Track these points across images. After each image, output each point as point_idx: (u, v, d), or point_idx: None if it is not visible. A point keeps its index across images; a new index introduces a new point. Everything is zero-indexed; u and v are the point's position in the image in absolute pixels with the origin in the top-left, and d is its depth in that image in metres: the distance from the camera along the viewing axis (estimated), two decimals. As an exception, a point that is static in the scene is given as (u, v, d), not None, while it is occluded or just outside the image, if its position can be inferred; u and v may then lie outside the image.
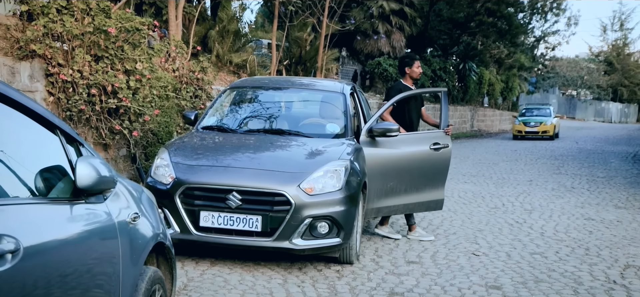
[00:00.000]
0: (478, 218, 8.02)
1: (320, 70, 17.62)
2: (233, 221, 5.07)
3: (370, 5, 24.00)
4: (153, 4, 14.12)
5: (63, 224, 2.36)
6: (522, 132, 26.18)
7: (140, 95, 7.42)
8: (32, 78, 6.77)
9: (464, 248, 6.37)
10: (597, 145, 22.72)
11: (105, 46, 7.11)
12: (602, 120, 56.23)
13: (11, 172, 2.25)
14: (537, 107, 29.11)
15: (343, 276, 5.22)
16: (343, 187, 5.24)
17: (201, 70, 9.75)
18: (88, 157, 2.53)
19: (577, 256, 6.19)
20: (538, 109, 28.51)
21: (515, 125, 27.04)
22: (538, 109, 28.51)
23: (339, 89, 6.79)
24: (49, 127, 2.56)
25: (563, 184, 11.56)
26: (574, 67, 60.10)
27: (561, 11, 36.23)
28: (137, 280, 2.90)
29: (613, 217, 8.35)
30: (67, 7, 7.03)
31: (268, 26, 23.86)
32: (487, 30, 29.75)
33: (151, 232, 3.13)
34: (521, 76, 39.98)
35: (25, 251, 1.99)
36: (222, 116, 6.65)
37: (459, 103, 30.26)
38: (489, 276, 5.38)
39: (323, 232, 5.14)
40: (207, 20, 15.80)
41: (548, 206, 9.13)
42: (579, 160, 16.73)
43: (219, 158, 5.44)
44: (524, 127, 26.15)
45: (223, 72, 14.29)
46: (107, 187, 2.64)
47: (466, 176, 12.47)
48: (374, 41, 24.55)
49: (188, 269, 5.22)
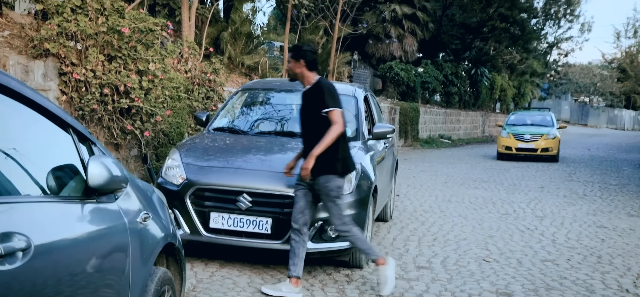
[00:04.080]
0: (489, 224, 7.96)
1: (332, 74, 17.61)
2: (243, 222, 5.07)
3: (383, 9, 23.97)
4: (166, 5, 14.17)
5: (74, 223, 2.36)
6: (512, 150, 17.88)
7: (152, 95, 7.45)
8: (46, 77, 6.81)
9: (474, 254, 6.33)
10: (609, 153, 22.53)
11: (118, 46, 7.15)
12: (614, 128, 55.78)
13: (23, 170, 2.25)
14: (532, 114, 20.40)
15: (352, 280, 5.20)
16: (354, 191, 5.22)
17: (213, 72, 9.77)
18: (100, 157, 2.53)
19: (589, 263, 6.13)
20: (535, 117, 19.82)
21: (501, 138, 18.33)
22: (535, 117, 19.82)
23: (351, 93, 6.78)
24: (62, 126, 2.56)
25: (575, 191, 11.46)
26: (587, 73, 59.66)
27: (575, 17, 35.95)
28: (146, 280, 2.90)
29: (626, 225, 8.27)
30: (82, 7, 7.07)
31: (280, 29, 23.88)
32: (499, 35, 29.59)
33: (161, 233, 3.13)
34: (533, 82, 39.79)
35: (36, 249, 1.99)
36: (233, 118, 6.66)
37: (471, 108, 30.15)
38: (499, 283, 5.34)
39: (333, 235, 5.12)
40: (219, 22, 15.84)
41: (560, 212, 9.05)
42: (591, 167, 16.59)
43: (230, 160, 5.44)
44: (515, 142, 17.88)
45: (235, 74, 14.32)
46: (119, 187, 2.64)
47: (477, 182, 12.41)
48: (386, 45, 24.52)
49: (197, 270, 5.22)
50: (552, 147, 17.66)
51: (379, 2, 23.91)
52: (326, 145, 4.60)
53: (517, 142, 17.84)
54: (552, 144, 17.68)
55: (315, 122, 4.72)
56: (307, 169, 4.63)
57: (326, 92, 4.71)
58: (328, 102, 4.67)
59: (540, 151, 17.65)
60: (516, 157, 17.90)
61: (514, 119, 19.71)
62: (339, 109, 4.70)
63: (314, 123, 4.73)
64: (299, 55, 4.81)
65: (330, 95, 4.71)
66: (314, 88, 4.79)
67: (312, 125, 4.77)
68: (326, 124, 4.65)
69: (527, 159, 17.83)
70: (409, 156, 17.78)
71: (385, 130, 6.37)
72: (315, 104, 4.74)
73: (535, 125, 18.72)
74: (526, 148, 17.73)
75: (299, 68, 4.81)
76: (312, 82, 4.82)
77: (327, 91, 4.72)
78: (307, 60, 4.78)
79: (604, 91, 58.59)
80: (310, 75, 4.82)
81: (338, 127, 4.64)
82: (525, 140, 17.82)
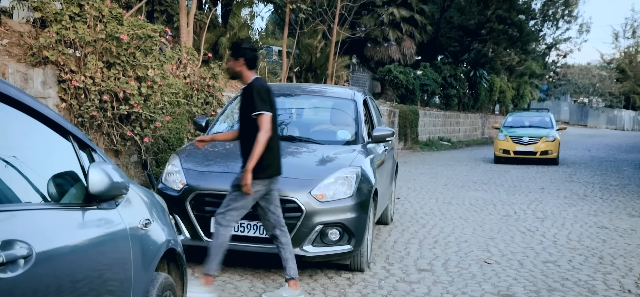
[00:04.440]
0: (490, 226, 7.96)
1: (330, 77, 17.62)
2: (244, 227, 5.07)
3: (381, 13, 24.02)
4: (164, 11, 14.19)
5: (75, 229, 2.36)
6: (509, 153, 17.29)
7: (152, 101, 7.45)
8: (45, 84, 6.81)
9: (475, 256, 6.32)
10: (609, 153, 22.53)
11: (117, 53, 7.15)
12: (614, 128, 55.81)
13: (24, 178, 2.25)
14: (530, 115, 19.70)
15: (354, 284, 5.19)
16: (354, 194, 5.21)
17: (212, 77, 9.77)
18: (100, 163, 2.53)
19: (591, 264, 6.12)
20: (533, 118, 19.15)
21: (498, 141, 17.70)
22: (533, 118, 19.15)
23: (350, 96, 6.79)
24: (62, 133, 2.56)
25: (575, 192, 11.46)
26: (586, 74, 59.71)
27: (573, 18, 36.07)
28: (148, 286, 2.90)
29: (627, 225, 8.26)
30: (80, 14, 7.07)
31: (278, 33, 23.93)
32: (498, 37, 29.65)
33: (162, 239, 3.13)
34: (532, 83, 39.82)
35: (37, 257, 1.99)
36: (232, 123, 6.65)
37: (470, 110, 30.17)
38: (501, 285, 5.33)
39: (334, 239, 5.12)
40: (218, 28, 15.86)
41: (560, 214, 9.05)
42: (591, 168, 16.59)
43: (230, 165, 5.44)
44: (512, 145, 17.28)
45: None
46: (119, 193, 2.64)
47: (477, 183, 12.41)
48: (385, 48, 24.55)
49: (199, 275, 5.21)
50: (551, 150, 17.09)
51: (377, 6, 23.95)
52: (257, 157, 4.46)
53: (515, 145, 17.24)
54: (551, 146, 17.10)
55: (247, 123, 4.61)
56: (246, 185, 4.47)
57: (256, 95, 4.53)
58: (257, 105, 4.50)
59: (540, 153, 17.08)
60: (514, 161, 17.35)
61: (512, 121, 18.94)
62: (267, 113, 4.51)
63: (247, 124, 4.62)
64: (238, 54, 4.66)
65: (260, 97, 4.53)
66: (248, 88, 4.64)
67: (245, 126, 4.65)
68: (256, 127, 4.50)
69: (526, 162, 17.29)
70: (408, 159, 17.79)
71: (384, 134, 6.38)
72: (247, 105, 4.61)
73: (533, 127, 18.07)
74: (525, 151, 17.14)
75: (239, 66, 4.65)
76: (249, 82, 4.65)
77: (257, 93, 4.54)
78: (247, 59, 4.63)
79: (603, 92, 58.63)
80: (248, 74, 4.66)
81: (263, 135, 4.47)
82: (524, 143, 17.22)
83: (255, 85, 4.59)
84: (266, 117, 4.50)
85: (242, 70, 4.66)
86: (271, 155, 4.64)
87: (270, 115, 4.54)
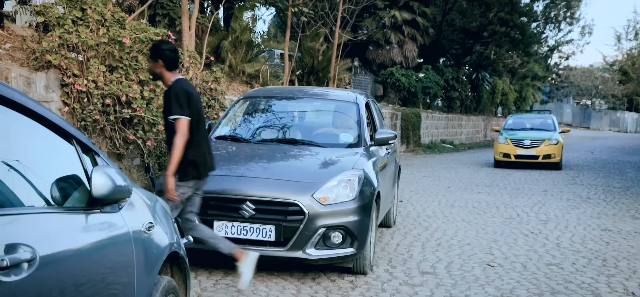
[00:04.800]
0: (492, 228, 7.95)
1: (332, 80, 17.62)
2: (246, 230, 5.06)
3: (383, 16, 24.02)
4: (167, 15, 14.21)
5: (78, 233, 2.36)
6: (510, 157, 16.55)
7: (154, 105, 7.46)
8: (48, 88, 6.82)
9: (478, 259, 6.31)
10: (612, 155, 22.49)
11: (119, 57, 7.16)
12: (617, 130, 55.72)
13: (27, 181, 2.26)
14: (531, 117, 19.04)
15: (357, 287, 5.19)
16: (357, 197, 5.21)
17: (214, 81, 9.78)
18: (104, 167, 2.53)
19: (594, 267, 6.11)
20: (534, 120, 18.46)
21: (498, 144, 16.91)
22: (534, 120, 18.46)
23: (352, 99, 6.79)
24: (65, 137, 2.56)
25: (578, 194, 11.44)
26: (588, 76, 59.66)
27: (575, 20, 36.03)
28: (151, 289, 2.90)
29: (630, 228, 8.24)
30: (83, 18, 7.09)
31: (280, 36, 23.93)
32: (500, 39, 29.64)
33: (165, 242, 3.13)
34: (535, 86, 39.77)
35: (41, 260, 2.00)
36: (235, 126, 6.66)
37: (472, 113, 30.14)
38: (504, 287, 5.32)
39: (336, 242, 5.11)
40: (220, 31, 15.87)
41: (564, 216, 9.03)
42: (594, 170, 16.56)
43: (232, 168, 5.44)
44: (513, 148, 16.52)
45: (236, 82, 14.34)
46: (123, 197, 2.64)
47: (480, 186, 12.39)
48: (387, 51, 24.54)
49: (201, 278, 5.21)
50: (554, 154, 16.28)
51: (379, 9, 23.95)
52: (176, 162, 4.45)
53: (516, 149, 16.47)
54: (554, 150, 16.31)
55: (167, 126, 4.61)
56: (169, 191, 4.49)
57: (173, 97, 4.47)
58: (173, 109, 4.45)
59: (542, 157, 16.27)
60: (515, 165, 16.67)
61: (512, 123, 18.13)
62: (185, 118, 4.46)
63: (168, 128, 4.61)
64: (156, 55, 4.58)
65: (177, 101, 4.46)
66: (167, 91, 4.58)
67: (167, 129, 4.65)
68: (173, 130, 4.49)
69: (528, 166, 16.61)
70: (411, 162, 17.77)
71: (387, 137, 6.38)
72: (166, 109, 4.58)
73: (535, 130, 17.37)
74: (526, 155, 16.37)
75: (158, 68, 4.59)
76: (169, 84, 4.58)
77: (174, 96, 4.47)
78: (165, 60, 4.54)
79: (606, 94, 58.57)
80: (168, 76, 4.58)
81: (180, 139, 4.43)
82: (525, 146, 16.45)
83: (173, 88, 4.52)
84: (182, 122, 4.45)
85: (162, 72, 4.59)
86: (199, 155, 4.65)
87: (186, 120, 4.47)
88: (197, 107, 4.62)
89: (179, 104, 4.46)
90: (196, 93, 4.70)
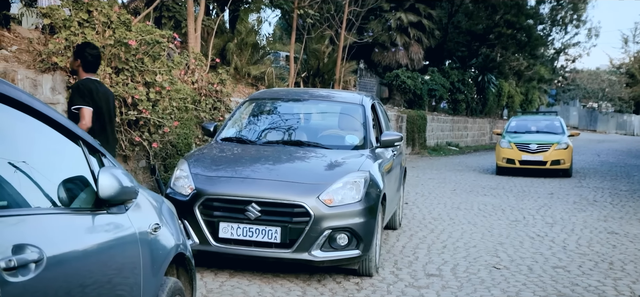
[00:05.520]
0: (498, 231, 7.92)
1: (338, 83, 17.63)
2: (252, 232, 5.06)
3: (388, 18, 24.01)
4: (172, 17, 14.25)
5: (85, 234, 2.37)
6: (514, 162, 14.93)
7: (160, 107, 7.47)
8: (54, 90, 6.84)
9: (484, 261, 6.29)
10: (619, 158, 22.39)
11: (125, 59, 7.18)
12: (623, 133, 55.49)
13: (34, 182, 2.26)
14: (537, 119, 17.18)
15: (362, 289, 5.18)
16: (362, 199, 5.21)
17: (220, 83, 9.80)
18: (110, 168, 2.54)
19: (601, 270, 6.08)
20: (540, 122, 16.68)
21: (501, 149, 15.25)
22: (540, 122, 16.68)
23: (358, 101, 6.79)
24: (72, 138, 2.57)
25: (585, 197, 11.39)
26: (595, 79, 59.48)
27: (582, 23, 35.87)
28: (157, 291, 2.90)
29: (637, 231, 8.20)
30: (89, 20, 7.11)
31: (286, 39, 23.97)
32: (506, 42, 29.54)
33: (172, 243, 3.13)
34: (541, 88, 39.67)
35: (48, 261, 2.00)
36: (241, 128, 6.67)
37: (478, 115, 30.08)
38: (510, 290, 5.30)
39: (342, 244, 5.11)
40: (225, 33, 15.91)
41: (570, 219, 8.99)
42: (601, 173, 16.49)
43: (238, 169, 5.45)
44: (518, 154, 14.87)
45: (241, 84, 14.35)
46: (129, 198, 2.65)
47: (485, 188, 12.36)
48: (392, 53, 24.53)
49: (207, 280, 5.21)
50: (564, 159, 14.68)
51: (385, 11, 23.95)
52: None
53: (521, 154, 14.82)
54: (564, 155, 14.67)
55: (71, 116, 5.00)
56: None
57: (74, 91, 5.06)
58: (75, 100, 4.99)
59: (550, 163, 14.64)
60: (520, 172, 15.06)
61: (516, 125, 16.52)
62: (88, 108, 4.97)
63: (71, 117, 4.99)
64: (77, 54, 5.24)
65: (79, 93, 5.00)
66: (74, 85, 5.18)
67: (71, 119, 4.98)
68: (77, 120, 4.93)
69: (534, 173, 14.99)
70: (416, 164, 17.75)
71: (393, 138, 6.37)
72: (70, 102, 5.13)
73: (541, 133, 15.69)
74: (532, 160, 14.74)
75: (76, 65, 5.25)
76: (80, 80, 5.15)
77: (75, 90, 5.05)
78: (83, 60, 5.17)
79: (612, 96, 58.36)
80: (82, 74, 5.19)
81: (81, 124, 4.86)
82: (531, 151, 14.83)
83: (78, 84, 5.12)
84: (86, 111, 4.96)
85: (78, 70, 5.24)
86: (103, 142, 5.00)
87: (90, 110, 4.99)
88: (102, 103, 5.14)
89: (81, 95, 5.02)
90: (105, 91, 5.28)
